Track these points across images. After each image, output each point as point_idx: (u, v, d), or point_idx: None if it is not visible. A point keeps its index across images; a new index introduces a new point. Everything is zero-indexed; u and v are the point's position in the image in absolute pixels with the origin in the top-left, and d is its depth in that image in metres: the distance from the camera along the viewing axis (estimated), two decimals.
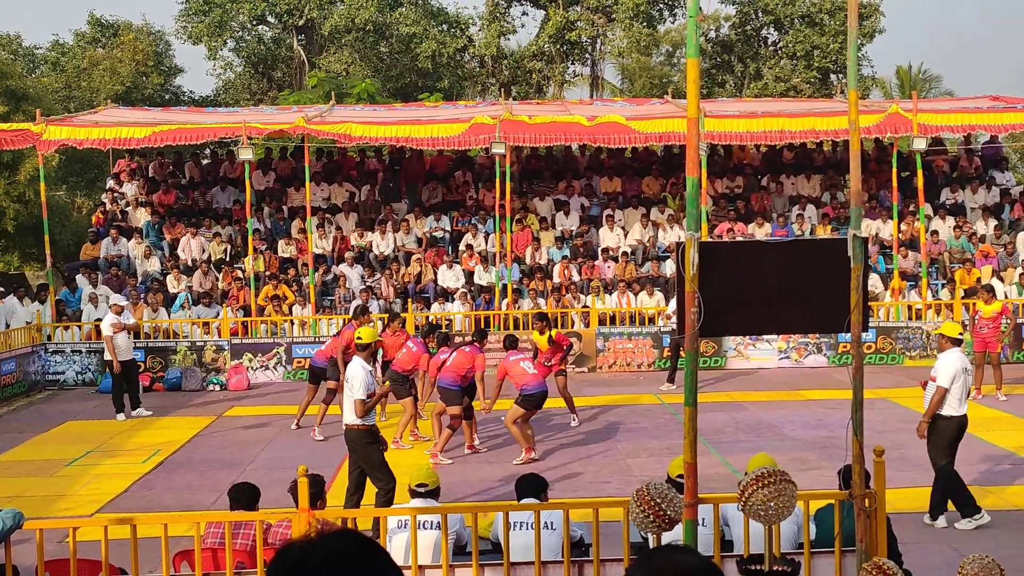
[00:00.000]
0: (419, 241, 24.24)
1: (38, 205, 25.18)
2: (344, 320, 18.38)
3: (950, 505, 10.21)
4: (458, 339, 19.25)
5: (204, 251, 23.78)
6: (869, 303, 8.14)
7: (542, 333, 14.99)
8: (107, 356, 17.36)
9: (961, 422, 10.25)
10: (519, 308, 21.61)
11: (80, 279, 22.58)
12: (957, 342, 10.53)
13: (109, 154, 27.76)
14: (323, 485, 7.92)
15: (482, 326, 20.15)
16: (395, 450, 13.95)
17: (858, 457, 6.28)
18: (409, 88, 43.59)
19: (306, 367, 20.29)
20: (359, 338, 11.04)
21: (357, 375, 10.37)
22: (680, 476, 7.74)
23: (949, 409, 10.16)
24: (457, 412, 13.41)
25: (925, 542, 9.57)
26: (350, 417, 10.35)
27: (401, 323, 16.63)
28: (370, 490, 10.52)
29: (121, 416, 16.98)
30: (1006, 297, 20.84)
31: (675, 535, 6.15)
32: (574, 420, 15.44)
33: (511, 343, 14.38)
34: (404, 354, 14.56)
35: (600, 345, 20.91)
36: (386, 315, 19.38)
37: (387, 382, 14.11)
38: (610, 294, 22.12)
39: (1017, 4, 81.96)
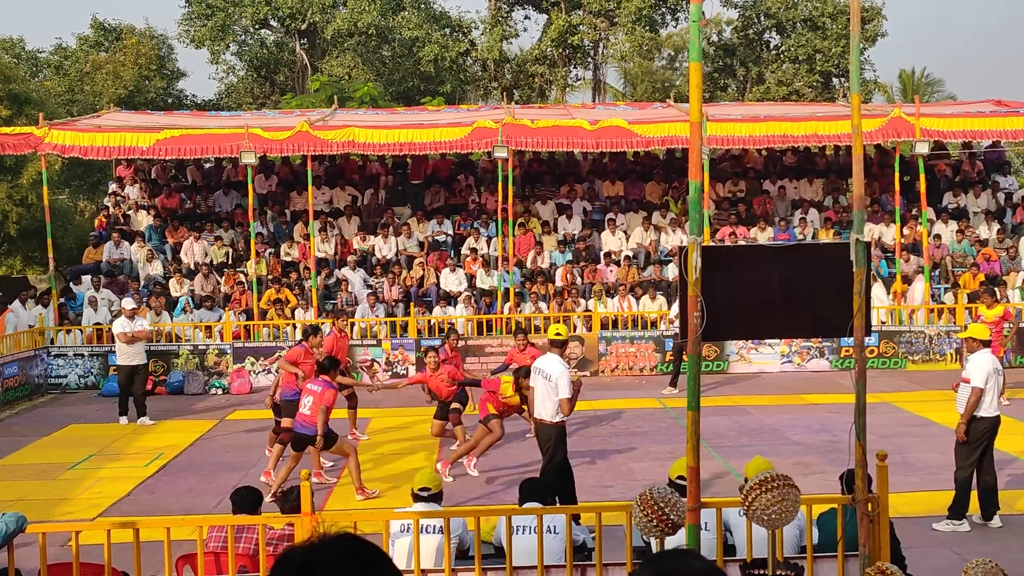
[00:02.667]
0: (421, 245, 24.25)
1: (41, 209, 25.20)
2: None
3: (965, 504, 10.24)
4: (460, 344, 19.28)
5: (206, 255, 23.79)
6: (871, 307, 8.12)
7: (515, 389, 12.71)
8: (116, 360, 17.34)
9: (994, 423, 10.29)
10: (521, 312, 21.61)
11: (86, 280, 22.60)
12: (986, 343, 10.60)
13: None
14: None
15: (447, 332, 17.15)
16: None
17: (861, 461, 6.27)
18: (411, 92, 43.65)
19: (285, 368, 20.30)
20: (557, 334, 11.00)
21: (562, 374, 10.37)
22: (680, 478, 7.77)
23: (982, 410, 10.21)
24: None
25: (928, 546, 9.55)
26: (546, 413, 10.36)
27: (346, 322, 16.57)
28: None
29: (124, 419, 16.94)
30: (1008, 301, 20.81)
31: (678, 539, 6.14)
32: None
33: (321, 368, 12.54)
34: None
35: (602, 349, 20.90)
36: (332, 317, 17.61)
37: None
38: (612, 298, 22.11)
39: (1020, 8, 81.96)
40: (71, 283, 22.77)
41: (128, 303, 17.78)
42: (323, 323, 20.88)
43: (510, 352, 15.69)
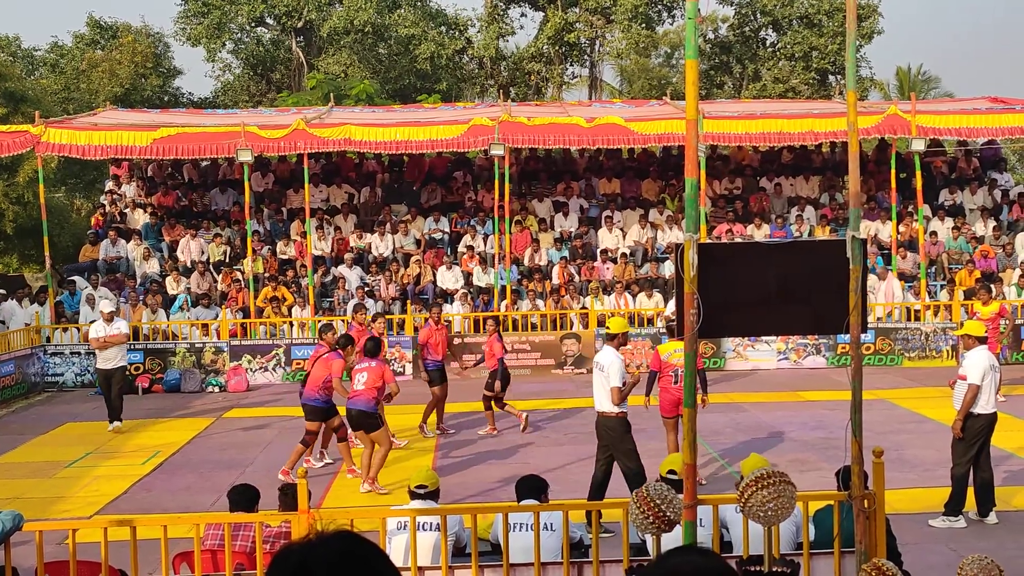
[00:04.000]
0: (418, 242, 24.25)
1: (37, 207, 25.18)
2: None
3: (961, 500, 10.27)
4: (457, 341, 19.31)
5: (203, 253, 23.77)
6: (867, 303, 8.15)
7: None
8: (97, 364, 16.68)
9: (991, 420, 10.31)
10: (518, 309, 21.61)
11: (79, 280, 22.55)
12: (983, 340, 10.62)
13: None
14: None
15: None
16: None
17: (857, 458, 6.28)
18: (408, 90, 43.62)
19: (305, 368, 20.31)
20: (608, 328, 11.06)
21: (613, 363, 10.44)
22: (671, 472, 7.85)
23: (979, 407, 10.23)
24: (314, 428, 12.86)
25: (924, 543, 9.57)
26: (605, 405, 10.40)
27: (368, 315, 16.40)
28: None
29: (111, 426, 16.13)
30: (1004, 298, 20.84)
31: (674, 536, 6.15)
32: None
33: (368, 350, 12.68)
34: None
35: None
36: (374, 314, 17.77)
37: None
38: (609, 295, 22.12)
39: (1016, 5, 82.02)
40: (70, 282, 22.67)
41: (106, 306, 16.96)
42: (320, 320, 20.91)
43: (487, 342, 15.71)
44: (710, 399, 16.72)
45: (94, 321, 17.45)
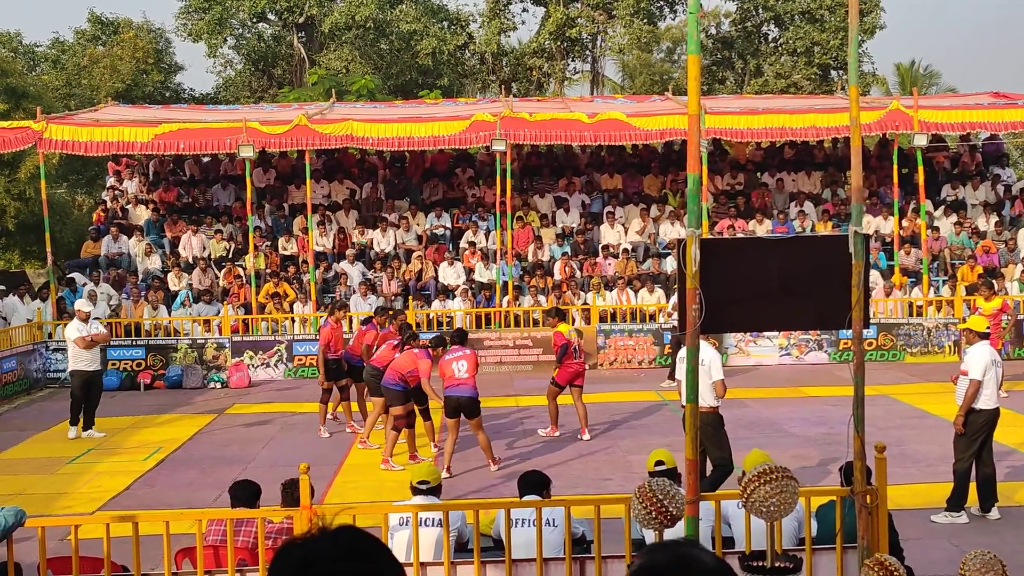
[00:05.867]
0: (420, 238, 24.24)
1: (39, 203, 25.18)
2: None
3: (963, 496, 10.27)
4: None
5: (205, 249, 23.77)
6: (869, 299, 8.13)
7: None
8: (69, 366, 15.67)
9: (993, 416, 10.30)
10: (520, 305, 21.61)
11: (78, 276, 22.55)
12: (985, 336, 10.61)
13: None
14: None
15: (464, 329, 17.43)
16: (361, 449, 13.99)
17: (859, 453, 6.28)
18: (409, 85, 43.58)
19: (307, 365, 20.35)
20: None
21: (714, 358, 10.61)
22: (659, 463, 7.94)
23: (981, 403, 10.22)
24: (400, 412, 13.04)
25: (927, 538, 9.57)
26: (708, 399, 10.43)
27: (345, 312, 16.33)
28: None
29: (72, 432, 15.42)
30: (1006, 293, 20.82)
31: (676, 532, 6.15)
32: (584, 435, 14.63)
33: (457, 338, 13.30)
34: (383, 350, 14.15)
35: (601, 342, 20.91)
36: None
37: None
38: (611, 291, 22.11)
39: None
40: (70, 279, 22.65)
41: (83, 304, 16.03)
42: (322, 316, 20.90)
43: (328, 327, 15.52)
44: None
45: (99, 317, 17.30)
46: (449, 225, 24.72)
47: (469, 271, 23.12)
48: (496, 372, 20.22)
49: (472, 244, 23.73)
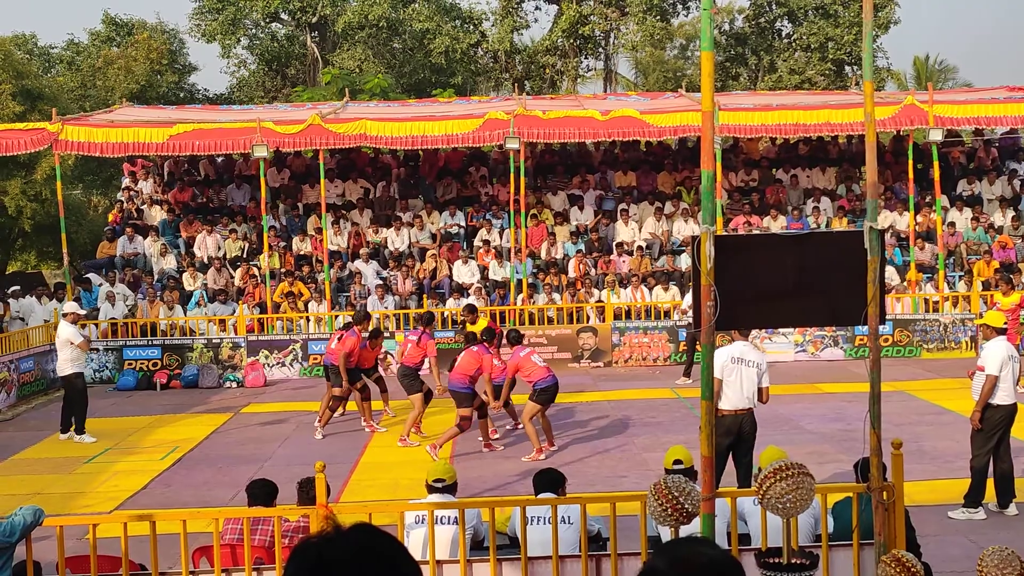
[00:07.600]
0: (434, 237, 24.26)
1: (55, 204, 25.31)
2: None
3: (981, 492, 10.22)
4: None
5: (220, 248, 23.84)
6: (885, 295, 8.08)
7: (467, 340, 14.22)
8: (60, 369, 15.51)
9: (1010, 411, 10.25)
10: (534, 303, 21.60)
11: (93, 277, 22.64)
12: (1002, 331, 10.56)
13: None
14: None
15: (497, 325, 19.10)
16: (401, 447, 14.02)
17: (876, 450, 6.26)
18: (422, 84, 43.62)
19: (322, 364, 20.38)
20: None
21: (765, 360, 10.75)
22: (677, 462, 7.90)
23: (997, 398, 10.17)
24: (467, 414, 13.26)
25: (944, 535, 9.53)
26: (748, 401, 10.47)
27: (367, 324, 16.19)
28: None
29: (63, 436, 15.46)
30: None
31: (692, 529, 6.14)
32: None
33: (516, 338, 14.00)
34: (411, 348, 14.52)
35: (616, 340, 20.88)
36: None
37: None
38: (625, 288, 22.08)
39: None
40: (86, 279, 22.73)
41: (72, 307, 15.80)
42: (337, 315, 20.94)
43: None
44: None
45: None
46: (463, 223, 24.73)
47: (483, 269, 23.12)
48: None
49: (486, 242, 23.73)
